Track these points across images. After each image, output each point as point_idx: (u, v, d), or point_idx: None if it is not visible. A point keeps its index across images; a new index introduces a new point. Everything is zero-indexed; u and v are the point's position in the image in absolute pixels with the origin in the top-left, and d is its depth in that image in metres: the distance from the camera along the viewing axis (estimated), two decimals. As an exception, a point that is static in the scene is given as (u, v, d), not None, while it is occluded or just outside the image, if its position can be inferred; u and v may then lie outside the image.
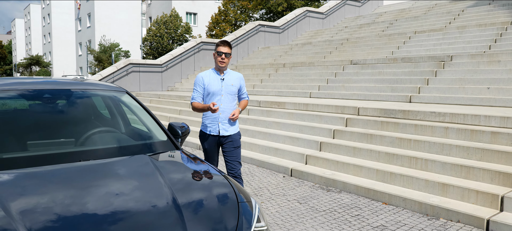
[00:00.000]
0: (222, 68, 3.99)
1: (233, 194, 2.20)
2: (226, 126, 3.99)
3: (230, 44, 3.98)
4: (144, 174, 2.30)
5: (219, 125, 3.97)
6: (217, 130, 3.98)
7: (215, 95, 3.94)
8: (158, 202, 1.95)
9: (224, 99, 3.97)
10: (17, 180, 2.13)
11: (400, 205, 4.61)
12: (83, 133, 2.85)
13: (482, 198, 4.19)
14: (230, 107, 4.01)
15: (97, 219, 1.78)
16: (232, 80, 4.04)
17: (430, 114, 5.88)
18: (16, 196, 1.91)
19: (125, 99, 3.35)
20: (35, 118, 2.93)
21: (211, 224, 1.93)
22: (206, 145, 4.05)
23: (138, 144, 2.90)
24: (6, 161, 2.31)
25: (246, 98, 4.26)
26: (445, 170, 4.79)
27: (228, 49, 3.95)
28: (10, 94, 2.93)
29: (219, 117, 3.96)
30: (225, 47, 3.95)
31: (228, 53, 3.94)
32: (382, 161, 5.48)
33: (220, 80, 3.98)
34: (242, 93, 4.20)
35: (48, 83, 3.23)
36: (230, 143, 4.03)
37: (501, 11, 13.32)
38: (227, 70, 4.07)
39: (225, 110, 3.96)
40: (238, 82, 4.10)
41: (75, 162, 2.41)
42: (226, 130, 4.00)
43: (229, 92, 4.00)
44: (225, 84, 3.98)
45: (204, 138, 4.06)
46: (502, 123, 5.11)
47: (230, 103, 4.02)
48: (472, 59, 8.26)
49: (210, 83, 3.96)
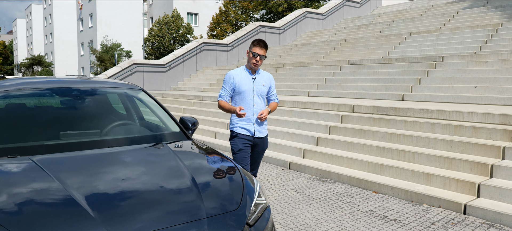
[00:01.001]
0: (255, 69, 3.84)
1: (239, 174, 2.64)
2: (260, 127, 3.88)
3: (266, 45, 3.80)
4: (165, 159, 2.75)
5: (255, 126, 3.83)
6: (252, 131, 3.82)
7: (245, 95, 3.79)
8: (181, 180, 2.39)
9: (256, 100, 3.83)
10: (62, 161, 2.57)
11: (388, 193, 5.05)
12: (107, 125, 3.30)
13: (461, 186, 4.64)
14: (262, 108, 3.88)
15: (135, 191, 2.23)
16: (263, 80, 3.90)
17: (418, 111, 6.32)
18: (66, 172, 2.36)
19: (141, 96, 3.79)
20: (65, 112, 3.38)
21: (221, 197, 2.36)
22: (241, 145, 3.80)
23: (156, 134, 3.34)
24: (47, 147, 2.76)
25: (275, 100, 4.08)
26: (430, 161, 5.24)
27: (264, 52, 3.77)
28: (43, 92, 3.39)
29: (254, 118, 3.82)
30: (262, 49, 3.77)
31: (263, 55, 3.77)
32: (373, 154, 5.93)
33: (252, 79, 3.83)
34: (271, 94, 4.04)
35: (74, 83, 3.68)
36: (261, 146, 3.93)
37: (493, 13, 13.75)
38: (259, 70, 3.91)
39: (258, 111, 3.83)
40: (268, 83, 3.96)
41: (105, 148, 2.86)
42: (261, 131, 3.88)
43: (260, 93, 3.86)
44: (257, 84, 3.84)
45: (238, 139, 3.82)
46: (483, 119, 5.55)
47: (262, 104, 3.89)
48: (462, 60, 8.70)
49: (241, 82, 3.80)
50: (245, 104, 3.80)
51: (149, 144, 3.09)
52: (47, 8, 68.92)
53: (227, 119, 9.70)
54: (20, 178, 2.28)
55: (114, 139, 3.02)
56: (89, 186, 2.17)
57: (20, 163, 2.46)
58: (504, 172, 4.55)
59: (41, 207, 2.00)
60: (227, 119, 9.70)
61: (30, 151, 2.65)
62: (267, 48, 3.82)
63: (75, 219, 1.87)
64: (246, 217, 2.23)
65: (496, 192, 4.35)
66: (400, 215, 4.34)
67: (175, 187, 2.35)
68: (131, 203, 2.10)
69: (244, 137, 3.81)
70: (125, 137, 3.13)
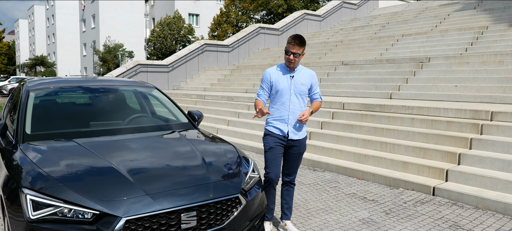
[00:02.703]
0: (291, 68, 3.64)
1: (237, 153, 3.31)
2: (295, 128, 3.65)
3: (302, 41, 3.51)
4: (180, 142, 3.44)
5: (289, 126, 3.63)
6: (285, 131, 3.62)
7: (283, 94, 3.60)
8: (193, 157, 3.06)
9: (293, 99, 3.62)
10: (100, 142, 3.23)
11: (370, 179, 5.71)
12: (127, 117, 3.97)
13: (432, 172, 5.30)
14: (300, 108, 3.65)
15: (160, 164, 2.90)
16: (302, 79, 3.65)
17: (401, 108, 6.97)
18: (104, 150, 3.02)
19: (155, 93, 4.46)
20: (93, 106, 4.06)
21: (223, 170, 3.01)
22: (272, 143, 3.62)
23: (170, 123, 4.02)
24: (84, 132, 3.43)
25: (318, 100, 3.81)
26: (408, 151, 5.90)
27: (297, 49, 3.49)
28: (75, 89, 4.08)
29: (289, 118, 3.61)
30: (295, 47, 3.49)
31: (297, 53, 3.50)
32: (359, 146, 6.59)
33: (289, 78, 3.62)
34: (314, 93, 3.77)
35: (97, 82, 4.36)
36: (296, 148, 3.70)
37: (482, 15, 14.40)
38: (298, 66, 3.69)
39: (294, 111, 3.62)
40: (309, 81, 3.70)
41: (129, 133, 3.53)
42: (295, 133, 3.65)
43: (298, 92, 3.63)
44: (295, 83, 3.62)
45: (270, 137, 3.65)
46: (457, 114, 6.21)
47: (299, 103, 3.65)
48: (446, 61, 9.35)
49: (278, 80, 3.62)
50: (281, 103, 3.62)
51: (165, 131, 3.77)
52: (50, 8, 69.69)
53: (227, 117, 10.37)
54: (72, 154, 2.95)
55: (137, 127, 3.70)
56: (124, 160, 2.84)
57: (68, 144, 3.14)
58: (469, 160, 5.21)
59: (93, 173, 2.67)
60: (227, 117, 10.37)
61: (71, 135, 3.32)
62: (303, 45, 3.51)
63: (120, 182, 2.54)
64: (241, 185, 2.90)
65: (461, 177, 5.01)
66: (378, 197, 5.00)
67: (189, 162, 3.01)
68: (158, 172, 2.78)
69: (276, 136, 3.62)
70: (146, 126, 3.82)
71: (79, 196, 2.38)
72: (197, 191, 2.63)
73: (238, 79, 14.72)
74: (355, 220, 4.21)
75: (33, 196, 2.38)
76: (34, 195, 2.39)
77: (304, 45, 3.53)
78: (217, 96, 11.96)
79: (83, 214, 2.34)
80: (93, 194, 2.41)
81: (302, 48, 3.53)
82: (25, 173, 2.62)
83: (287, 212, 3.92)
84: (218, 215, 2.65)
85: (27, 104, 3.52)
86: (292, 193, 3.91)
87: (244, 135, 8.59)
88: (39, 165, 2.68)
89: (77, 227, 2.30)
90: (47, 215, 2.33)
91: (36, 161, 2.75)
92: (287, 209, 3.91)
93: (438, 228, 3.97)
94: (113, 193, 2.44)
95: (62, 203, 2.35)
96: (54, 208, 2.35)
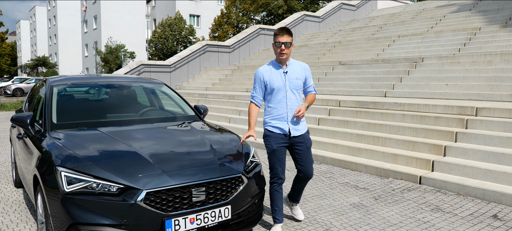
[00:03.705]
0: (283, 60, 3.54)
1: (239, 141, 3.72)
2: (295, 125, 3.59)
3: (289, 30, 3.48)
4: (189, 131, 3.86)
5: (289, 124, 3.56)
6: (286, 129, 3.56)
7: (279, 92, 3.54)
8: (203, 145, 3.46)
9: (290, 96, 3.55)
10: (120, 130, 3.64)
11: (362, 170, 6.13)
12: (140, 110, 4.40)
13: (420, 163, 5.71)
14: (297, 103, 3.60)
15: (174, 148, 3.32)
16: (296, 73, 3.58)
17: (393, 105, 7.39)
18: (125, 137, 3.43)
19: (164, 89, 4.89)
20: (108, 100, 4.48)
21: (228, 154, 3.42)
22: (275, 145, 3.55)
23: (179, 115, 4.44)
24: (104, 122, 3.85)
25: (313, 92, 3.73)
26: (398, 145, 6.31)
27: (287, 38, 3.44)
28: (94, 85, 4.52)
29: (288, 116, 3.55)
30: (284, 36, 3.44)
31: (288, 42, 3.44)
32: (353, 141, 7.00)
33: (283, 74, 3.55)
34: (308, 86, 3.70)
35: (112, 78, 4.79)
36: (302, 144, 3.60)
37: (476, 17, 14.81)
38: (290, 61, 3.60)
39: (292, 108, 3.56)
40: (303, 74, 3.63)
41: (144, 124, 3.95)
42: (297, 129, 3.58)
43: (294, 87, 3.56)
44: (289, 78, 3.55)
45: (272, 138, 3.57)
46: (444, 110, 6.62)
47: (296, 98, 3.60)
48: (439, 61, 9.76)
49: (272, 78, 3.55)
50: (277, 101, 3.56)
51: (175, 122, 4.20)
52: (51, 10, 70.18)
53: (229, 115, 10.79)
54: (96, 139, 3.36)
55: (150, 118, 4.15)
56: (143, 145, 3.26)
57: (91, 131, 3.56)
58: (454, 152, 5.63)
59: (116, 155, 3.09)
60: (229, 115, 10.79)
61: (92, 125, 3.75)
62: (291, 34, 3.48)
63: (140, 162, 2.95)
64: (244, 167, 3.31)
65: (446, 167, 5.42)
66: (369, 185, 5.41)
67: (199, 147, 3.43)
68: (172, 154, 3.20)
69: (277, 136, 3.56)
70: (158, 117, 4.26)
71: (106, 172, 2.80)
72: (206, 171, 3.04)
73: (239, 79, 15.13)
74: (346, 205, 4.62)
75: (67, 173, 2.80)
76: (68, 172, 2.80)
77: (290, 33, 3.48)
78: (219, 95, 12.38)
79: (110, 188, 2.75)
80: (118, 171, 2.82)
81: (291, 38, 3.47)
82: (58, 154, 3.03)
83: (298, 198, 4.02)
84: (223, 192, 3.07)
85: (52, 98, 3.94)
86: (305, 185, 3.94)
87: (244, 131, 8.99)
88: (69, 148, 3.09)
89: (104, 198, 2.71)
90: (79, 188, 2.75)
91: (66, 144, 3.17)
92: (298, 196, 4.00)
93: (421, 210, 4.39)
94: (135, 171, 2.85)
95: (92, 178, 2.77)
96: (85, 182, 2.76)
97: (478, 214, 4.26)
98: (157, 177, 2.82)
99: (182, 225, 2.82)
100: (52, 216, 2.79)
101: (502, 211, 4.32)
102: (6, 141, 9.33)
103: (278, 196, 3.69)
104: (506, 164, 5.06)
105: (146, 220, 2.73)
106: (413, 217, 4.19)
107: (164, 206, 2.79)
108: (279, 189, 3.68)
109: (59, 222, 2.74)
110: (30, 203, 4.73)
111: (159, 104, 4.81)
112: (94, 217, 2.67)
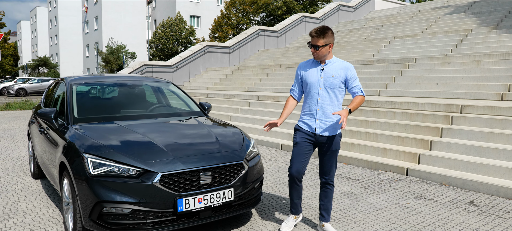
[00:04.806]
0: (317, 60, 3.50)
1: (241, 134, 4.16)
2: (324, 124, 3.48)
3: (324, 32, 3.34)
4: (196, 124, 4.31)
5: (317, 122, 3.49)
6: (313, 127, 3.52)
7: (312, 88, 3.50)
8: (209, 137, 3.91)
9: (322, 93, 3.46)
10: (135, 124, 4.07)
11: (355, 164, 6.57)
12: (151, 106, 4.85)
13: (408, 157, 6.16)
14: (331, 103, 3.47)
15: (184, 139, 3.76)
16: (334, 71, 3.44)
17: (385, 103, 7.83)
18: (140, 129, 3.87)
19: (172, 88, 5.33)
20: (121, 97, 4.93)
21: (231, 145, 3.85)
22: (298, 138, 3.57)
23: (186, 111, 4.89)
24: (119, 117, 4.30)
25: (359, 93, 3.49)
26: (388, 140, 6.76)
27: (317, 41, 3.34)
28: (108, 84, 4.98)
29: (317, 113, 3.47)
30: (314, 39, 3.36)
31: (317, 45, 3.35)
32: (347, 137, 7.45)
33: (319, 71, 3.48)
34: (352, 86, 3.48)
35: (123, 78, 5.24)
36: (326, 146, 3.53)
37: (470, 18, 15.26)
38: (332, 59, 3.49)
39: (323, 106, 3.46)
40: (342, 74, 3.45)
41: (155, 118, 4.40)
42: (324, 129, 3.48)
43: (328, 85, 3.44)
44: (325, 75, 3.45)
45: (299, 132, 3.60)
46: (432, 108, 7.06)
47: (330, 98, 3.46)
48: (430, 62, 10.21)
49: (307, 74, 3.53)
50: (310, 98, 3.53)
51: (183, 117, 4.66)
52: (52, 10, 70.63)
53: (230, 113, 11.23)
54: (115, 131, 3.81)
55: (161, 113, 4.62)
56: (157, 135, 3.70)
57: (110, 124, 4.01)
58: (439, 146, 6.07)
59: (134, 143, 3.53)
60: (230, 113, 11.23)
61: (109, 119, 4.20)
62: (323, 35, 3.35)
63: (155, 150, 3.40)
64: (244, 156, 3.75)
65: (431, 160, 5.87)
66: (360, 177, 5.86)
67: (205, 138, 3.88)
68: (183, 144, 3.63)
69: (304, 132, 3.55)
70: (168, 112, 4.72)
71: (126, 158, 3.24)
72: (212, 158, 3.48)
73: (239, 79, 15.58)
74: (338, 193, 5.07)
75: (92, 158, 3.24)
76: (93, 157, 3.25)
77: (324, 35, 3.34)
78: (220, 95, 12.83)
79: (129, 171, 3.19)
80: (136, 157, 3.27)
81: (323, 39, 3.34)
82: (82, 143, 3.47)
83: (324, 214, 3.73)
84: (227, 176, 3.51)
85: (73, 95, 4.39)
86: (330, 194, 3.69)
87: (245, 128, 9.44)
88: (92, 138, 3.54)
89: (125, 180, 3.16)
90: (103, 171, 3.19)
91: (89, 135, 3.62)
92: (324, 210, 3.72)
93: (405, 198, 4.83)
94: (151, 157, 3.29)
95: (114, 163, 3.21)
96: (108, 166, 3.20)
97: (457, 200, 4.71)
98: (170, 162, 3.27)
99: (192, 204, 3.27)
100: (80, 196, 3.23)
101: (478, 198, 4.77)
102: (17, 138, 9.77)
103: (293, 190, 3.66)
104: (485, 157, 5.51)
105: (161, 199, 3.17)
106: (397, 203, 4.64)
107: (176, 187, 3.23)
108: (294, 183, 3.61)
109: (86, 201, 3.19)
110: (49, 191, 5.17)
111: (167, 101, 5.25)
112: (117, 195, 3.12)
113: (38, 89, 33.37)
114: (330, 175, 3.62)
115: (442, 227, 3.91)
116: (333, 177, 3.64)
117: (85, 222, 3.22)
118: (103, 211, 3.13)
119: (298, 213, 3.81)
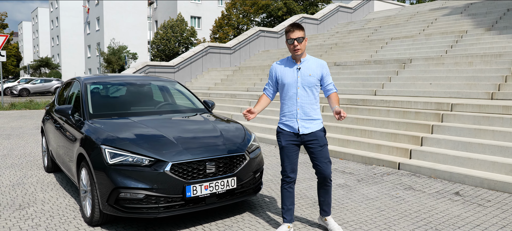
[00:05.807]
0: (298, 57, 3.48)
1: (243, 128, 4.52)
2: (305, 122, 3.50)
3: (299, 25, 3.41)
4: (202, 120, 4.68)
5: (298, 121, 3.50)
6: (295, 127, 3.52)
7: (290, 88, 3.50)
8: (214, 131, 4.27)
9: (301, 93, 3.47)
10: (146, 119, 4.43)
11: (350, 159, 6.93)
12: (159, 103, 5.22)
13: (400, 152, 6.51)
14: (309, 101, 3.51)
15: (191, 133, 4.12)
16: (310, 70, 3.48)
17: (379, 102, 8.19)
18: (151, 123, 4.24)
19: (178, 87, 5.70)
20: (132, 95, 5.30)
21: (233, 138, 4.21)
22: (284, 142, 3.55)
23: (191, 108, 5.25)
24: (130, 113, 4.66)
25: (333, 90, 3.59)
26: (382, 137, 7.12)
27: (299, 33, 3.38)
28: (119, 83, 5.35)
29: (297, 113, 3.49)
30: (295, 32, 3.39)
31: (301, 37, 3.38)
32: (343, 133, 7.81)
33: (296, 70, 3.49)
34: (327, 83, 3.57)
35: (133, 77, 5.60)
36: (315, 142, 3.50)
37: (465, 20, 15.61)
38: (306, 57, 3.53)
39: (303, 105, 3.49)
40: (319, 71, 3.50)
41: (163, 114, 4.76)
42: (306, 127, 3.50)
43: (306, 84, 3.47)
44: (302, 75, 3.47)
45: (282, 135, 3.58)
46: (424, 106, 7.42)
47: (309, 96, 3.50)
48: (425, 62, 10.56)
49: (284, 73, 3.52)
50: (288, 98, 3.53)
51: (189, 113, 5.04)
52: (54, 11, 71.09)
53: (231, 112, 11.60)
54: (129, 125, 4.17)
55: (170, 110, 4.99)
56: (167, 129, 4.06)
57: (123, 119, 4.37)
58: (429, 142, 6.43)
59: (147, 136, 3.89)
60: (231, 112, 11.60)
61: (122, 115, 4.57)
62: (302, 28, 3.42)
63: (166, 142, 3.76)
64: (246, 148, 4.11)
65: (421, 155, 6.22)
66: (354, 171, 6.21)
67: (210, 132, 4.24)
68: (191, 137, 3.99)
69: (287, 134, 3.55)
70: (175, 109, 5.09)
71: (140, 149, 3.60)
72: (217, 150, 3.84)
73: (240, 79, 15.95)
74: (333, 185, 5.42)
75: (109, 149, 3.60)
76: (110, 148, 3.61)
77: (301, 28, 3.41)
78: (221, 94, 13.19)
79: (143, 160, 3.55)
80: (149, 148, 3.63)
81: (303, 32, 3.41)
82: (99, 136, 3.83)
83: (325, 208, 3.75)
84: (230, 166, 3.87)
85: (87, 93, 4.76)
86: (329, 190, 3.70)
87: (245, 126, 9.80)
88: (108, 131, 3.91)
89: (139, 169, 3.52)
90: (119, 161, 3.55)
91: (105, 129, 3.99)
92: (325, 205, 3.74)
93: (395, 189, 5.19)
94: (162, 148, 3.65)
95: (129, 153, 3.57)
96: (123, 156, 3.56)
97: (443, 191, 5.07)
98: (180, 153, 3.63)
99: (198, 191, 3.63)
100: (98, 183, 3.59)
101: (463, 190, 5.12)
102: (26, 136, 10.14)
103: (287, 195, 3.63)
104: (472, 151, 5.87)
105: (171, 185, 3.53)
106: (388, 194, 4.99)
107: (185, 175, 3.59)
108: (288, 187, 3.63)
109: (104, 187, 3.55)
110: (63, 183, 5.54)
111: (173, 99, 5.62)
112: (132, 182, 3.48)
113: (41, 90, 33.77)
114: (327, 173, 3.58)
115: (427, 213, 4.27)
116: (330, 174, 3.62)
117: (103, 206, 3.59)
118: (120, 197, 3.49)
119: (292, 221, 3.72)
